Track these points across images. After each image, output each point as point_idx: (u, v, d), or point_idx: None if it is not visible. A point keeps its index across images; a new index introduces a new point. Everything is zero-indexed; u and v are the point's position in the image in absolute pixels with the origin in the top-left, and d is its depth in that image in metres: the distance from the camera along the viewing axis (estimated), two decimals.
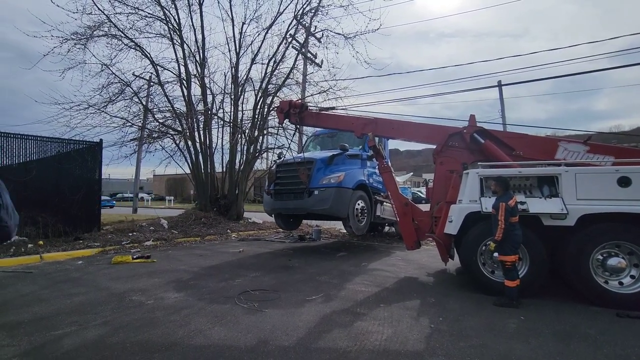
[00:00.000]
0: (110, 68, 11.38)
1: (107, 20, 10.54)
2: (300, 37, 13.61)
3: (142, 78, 12.66)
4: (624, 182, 4.26)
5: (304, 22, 13.04)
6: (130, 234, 9.41)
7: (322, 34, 13.14)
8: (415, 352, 2.99)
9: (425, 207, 6.57)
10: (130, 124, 12.21)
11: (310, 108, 11.96)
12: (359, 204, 7.85)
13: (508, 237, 4.17)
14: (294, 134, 10.96)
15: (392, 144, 14.32)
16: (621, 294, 4.16)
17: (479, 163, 5.18)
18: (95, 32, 10.59)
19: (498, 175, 4.60)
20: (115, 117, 11.82)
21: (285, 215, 8.97)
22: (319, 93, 12.84)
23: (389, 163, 8.18)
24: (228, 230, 11.27)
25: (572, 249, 4.36)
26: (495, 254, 4.54)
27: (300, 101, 8.27)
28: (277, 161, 9.02)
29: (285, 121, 7.93)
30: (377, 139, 6.77)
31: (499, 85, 21.53)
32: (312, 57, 14.96)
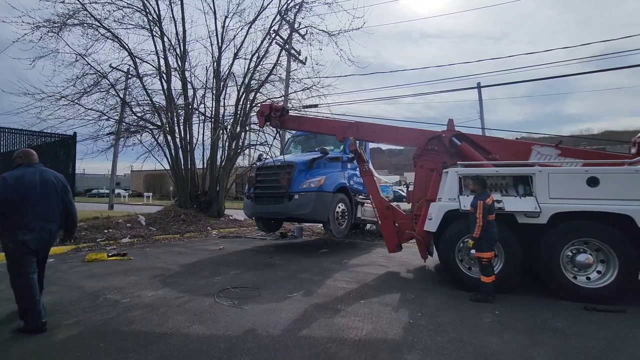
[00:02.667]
0: (86, 58, 10.92)
1: (82, 9, 10.11)
2: (284, 33, 13.51)
3: (119, 70, 12.23)
4: (593, 182, 4.46)
5: (288, 18, 12.95)
6: (106, 231, 9.10)
7: (307, 31, 13.10)
8: (394, 346, 3.04)
9: (404, 206, 6.67)
10: (106, 117, 11.80)
11: (294, 106, 11.93)
12: (339, 207, 7.86)
13: (485, 235, 4.29)
14: (275, 136, 10.89)
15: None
16: (588, 289, 4.36)
17: (458, 162, 5.29)
18: (69, 21, 10.14)
19: (476, 174, 4.72)
20: (90, 109, 11.38)
21: (266, 218, 8.91)
22: (303, 90, 12.79)
23: (370, 165, 8.24)
24: (208, 228, 11.09)
25: (545, 245, 4.53)
26: (472, 251, 4.67)
27: (281, 105, 8.21)
28: (257, 164, 8.92)
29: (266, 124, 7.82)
30: (357, 142, 6.80)
31: (478, 87, 22.09)
32: (295, 53, 14.89)
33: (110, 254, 6.77)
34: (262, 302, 4.24)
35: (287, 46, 13.80)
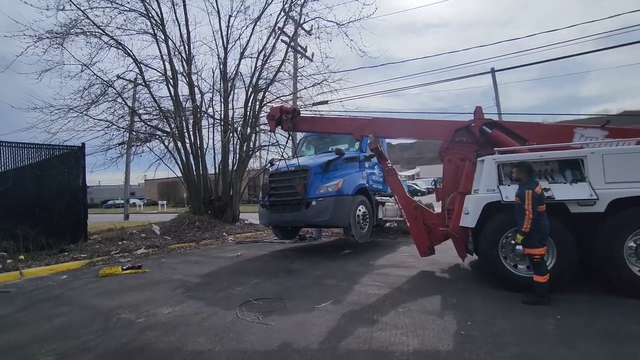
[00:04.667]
0: (91, 68, 10.75)
1: (84, 17, 9.91)
2: (290, 29, 13.09)
3: (124, 79, 12.02)
4: None
5: (292, 14, 12.51)
6: (120, 243, 8.86)
7: (312, 26, 12.63)
8: None
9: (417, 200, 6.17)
10: (115, 126, 11.62)
11: (304, 104, 11.47)
12: (360, 210, 7.37)
13: (535, 228, 3.78)
14: (288, 139, 10.48)
15: None
16: None
17: (495, 149, 4.78)
18: (72, 30, 9.95)
19: (520, 160, 4.20)
20: (99, 120, 11.22)
21: (283, 226, 8.52)
22: (313, 86, 12.34)
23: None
24: (224, 234, 10.78)
25: (604, 237, 3.99)
26: (519, 247, 4.16)
27: (292, 106, 7.76)
28: (270, 169, 8.50)
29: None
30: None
31: (492, 71, 21.27)
32: (302, 50, 14.45)
33: (124, 267, 6.48)
34: (289, 315, 3.83)
35: (292, 43, 13.39)
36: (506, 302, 3.96)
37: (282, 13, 12.17)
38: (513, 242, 4.39)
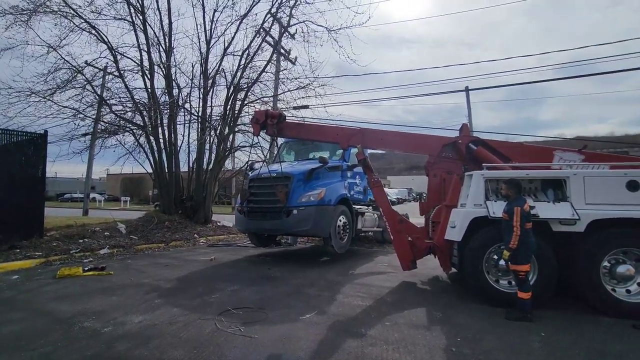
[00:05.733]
0: (58, 51, 9.98)
1: None
2: (276, 30, 12.89)
3: (94, 66, 11.20)
4: (633, 186, 4.12)
5: (280, 16, 12.32)
6: (81, 241, 8.16)
7: (296, 30, 12.50)
8: None
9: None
10: (82, 115, 10.84)
11: (287, 108, 11.29)
12: (340, 220, 7.26)
13: (522, 245, 3.83)
14: (271, 144, 10.22)
15: None
16: (633, 303, 4.00)
17: (483, 165, 4.86)
18: (40, 8, 9.20)
19: (510, 177, 4.28)
20: (64, 107, 10.40)
21: (260, 233, 8.27)
22: (297, 89, 12.15)
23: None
24: (196, 235, 10.28)
25: (582, 256, 4.13)
26: (502, 262, 4.26)
27: (277, 111, 7.58)
28: (250, 173, 8.23)
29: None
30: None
31: (466, 90, 22.13)
32: (285, 53, 14.27)
33: (86, 268, 5.95)
34: (272, 327, 3.62)
35: (278, 47, 13.18)
36: (490, 317, 3.98)
37: (269, 15, 11.96)
38: (496, 257, 4.48)
